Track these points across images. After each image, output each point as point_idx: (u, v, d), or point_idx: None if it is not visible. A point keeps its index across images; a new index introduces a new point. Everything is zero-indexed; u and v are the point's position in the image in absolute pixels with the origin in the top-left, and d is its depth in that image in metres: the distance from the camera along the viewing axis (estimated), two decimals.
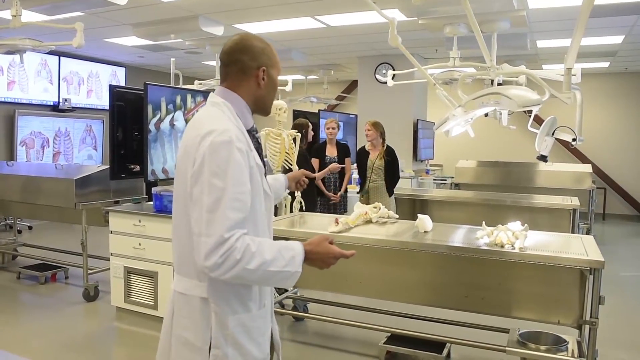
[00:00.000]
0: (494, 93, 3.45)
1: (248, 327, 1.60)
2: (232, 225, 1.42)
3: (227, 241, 1.41)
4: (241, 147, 1.49)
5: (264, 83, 1.63)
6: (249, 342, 1.60)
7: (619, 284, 5.75)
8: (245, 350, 1.58)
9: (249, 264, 1.43)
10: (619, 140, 10.52)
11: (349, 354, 3.89)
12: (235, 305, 1.57)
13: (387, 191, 5.75)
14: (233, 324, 1.56)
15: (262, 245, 1.47)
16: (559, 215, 5.59)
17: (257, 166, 1.57)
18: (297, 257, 1.53)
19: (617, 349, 3.96)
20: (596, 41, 7.34)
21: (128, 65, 10.44)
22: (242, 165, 1.47)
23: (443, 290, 3.58)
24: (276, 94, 1.71)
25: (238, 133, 1.53)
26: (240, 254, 1.42)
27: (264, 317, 1.67)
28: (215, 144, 1.46)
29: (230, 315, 1.56)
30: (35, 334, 4.17)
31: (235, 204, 1.44)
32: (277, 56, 1.67)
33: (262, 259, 1.45)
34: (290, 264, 1.51)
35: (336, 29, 7.01)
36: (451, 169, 9.83)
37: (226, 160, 1.45)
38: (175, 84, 6.27)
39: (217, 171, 1.44)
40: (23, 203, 5.68)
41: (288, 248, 1.53)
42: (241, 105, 1.62)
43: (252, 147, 1.60)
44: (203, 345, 1.56)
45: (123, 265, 4.39)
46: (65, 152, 9.41)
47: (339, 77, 11.82)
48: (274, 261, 1.47)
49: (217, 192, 1.44)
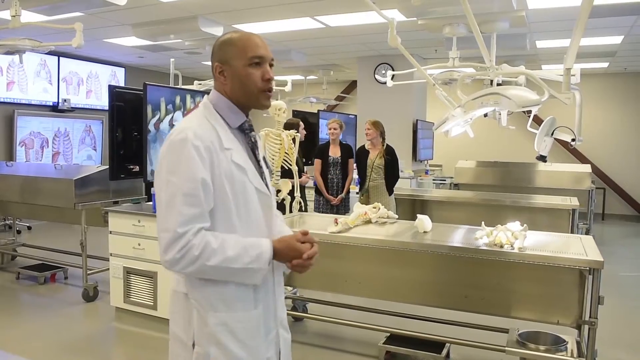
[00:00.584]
0: (494, 93, 3.45)
1: (232, 328, 1.54)
2: (185, 221, 1.43)
3: (183, 236, 1.42)
4: (199, 144, 1.47)
5: (224, 78, 1.58)
6: (234, 344, 1.54)
7: (618, 284, 5.75)
8: (229, 352, 1.54)
9: (209, 260, 1.44)
10: (618, 141, 10.53)
11: (349, 354, 3.89)
12: (215, 303, 1.54)
13: (387, 190, 5.75)
14: (213, 322, 1.53)
15: (225, 242, 1.47)
16: (558, 215, 5.59)
17: (235, 164, 1.54)
18: (264, 254, 1.51)
19: (616, 349, 3.96)
20: (595, 41, 7.35)
21: (127, 65, 10.44)
22: (196, 161, 1.46)
23: (442, 290, 3.58)
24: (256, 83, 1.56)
25: (202, 131, 1.51)
26: (198, 251, 1.43)
27: (255, 320, 1.59)
28: (172, 143, 1.49)
29: (211, 313, 1.54)
30: (35, 334, 4.17)
31: (188, 199, 1.45)
32: (242, 44, 1.56)
33: (223, 256, 1.45)
34: (256, 261, 1.50)
35: (335, 29, 7.01)
36: (450, 169, 9.84)
37: (180, 157, 1.46)
38: (175, 85, 6.26)
39: (172, 168, 1.47)
40: (22, 203, 5.68)
41: (255, 246, 1.51)
42: (223, 104, 1.61)
43: (236, 144, 1.59)
44: (187, 341, 1.56)
45: (122, 265, 4.39)
46: (65, 153, 9.41)
47: (339, 77, 11.82)
48: (237, 258, 1.47)
49: (172, 187, 1.46)
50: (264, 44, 1.58)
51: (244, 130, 1.64)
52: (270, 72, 1.58)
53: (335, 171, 5.88)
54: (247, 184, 1.57)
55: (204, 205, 1.47)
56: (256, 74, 1.56)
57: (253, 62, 1.55)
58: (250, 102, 1.61)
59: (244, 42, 1.56)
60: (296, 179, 4.98)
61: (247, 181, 1.57)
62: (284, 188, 4.85)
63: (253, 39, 1.57)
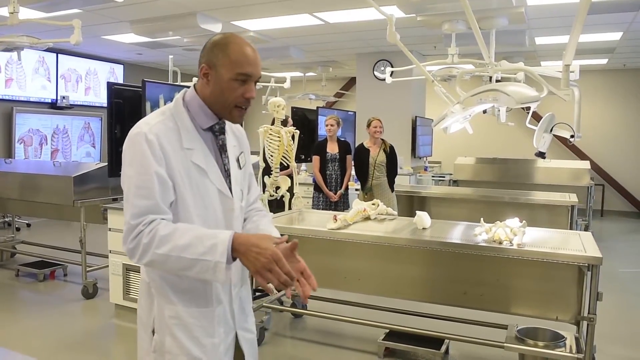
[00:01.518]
0: (492, 90, 3.46)
1: (186, 323, 1.54)
2: (137, 213, 1.44)
3: (136, 227, 1.43)
4: (152, 139, 1.47)
5: (207, 81, 1.55)
6: (188, 340, 1.54)
7: (617, 280, 5.76)
8: (182, 346, 1.54)
9: (159, 248, 1.40)
10: (617, 137, 10.53)
11: (348, 350, 3.90)
12: (170, 295, 1.55)
13: (390, 187, 5.77)
14: (168, 314, 1.55)
15: (177, 231, 1.42)
16: (557, 211, 5.60)
17: (194, 165, 1.53)
18: (219, 245, 1.37)
19: (615, 344, 3.98)
20: (595, 38, 7.34)
21: (126, 62, 10.42)
22: (148, 155, 1.46)
23: (441, 286, 3.58)
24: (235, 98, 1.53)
25: (159, 127, 1.51)
26: (147, 238, 1.41)
27: (209, 318, 1.56)
28: (129, 137, 1.51)
29: (166, 305, 1.55)
30: (34, 331, 4.18)
31: (140, 192, 1.45)
32: (234, 56, 1.51)
33: (173, 244, 1.39)
34: (210, 252, 1.37)
35: (334, 26, 7.00)
36: (450, 166, 9.84)
37: (134, 150, 1.48)
38: (174, 81, 6.25)
39: (128, 161, 1.49)
40: (21, 200, 5.67)
41: (210, 236, 1.41)
42: (196, 104, 1.58)
43: (200, 145, 1.56)
44: (148, 328, 1.60)
45: (122, 262, 4.39)
46: (64, 150, 9.40)
47: (338, 74, 11.82)
48: (188, 247, 1.38)
49: (127, 180, 1.48)
50: (255, 60, 1.54)
51: (214, 131, 1.62)
52: (253, 91, 1.55)
53: (334, 167, 5.88)
54: (208, 185, 1.56)
55: (157, 198, 1.45)
56: (238, 90, 1.53)
57: (239, 78, 1.52)
58: (222, 112, 1.58)
59: (237, 54, 1.51)
60: (295, 175, 4.98)
61: (208, 182, 1.56)
62: (283, 185, 4.85)
63: (246, 53, 1.52)
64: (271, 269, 1.35)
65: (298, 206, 4.84)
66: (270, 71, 8.99)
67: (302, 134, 5.17)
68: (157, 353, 1.56)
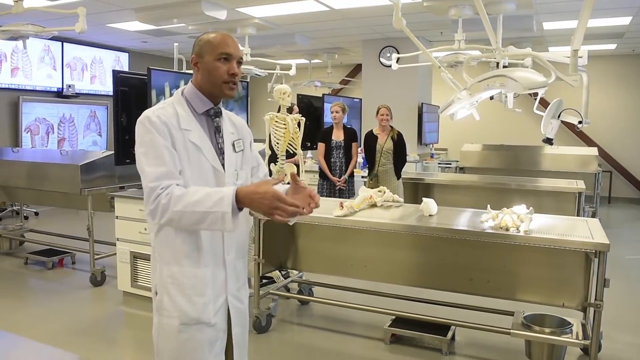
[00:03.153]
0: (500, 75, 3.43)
1: (179, 281, 1.74)
2: (155, 177, 1.65)
3: (155, 190, 1.64)
4: (155, 120, 1.71)
5: (197, 69, 1.82)
6: (180, 296, 1.74)
7: (624, 266, 5.75)
8: (176, 303, 1.74)
9: (175, 206, 1.61)
10: (626, 123, 10.44)
11: (354, 336, 3.92)
12: (167, 256, 1.76)
13: (396, 174, 5.76)
14: (166, 273, 1.76)
15: (190, 190, 1.65)
16: (565, 198, 5.58)
17: (191, 143, 1.75)
18: (225, 198, 1.58)
19: (621, 331, 3.97)
20: (603, 22, 7.25)
21: (131, 50, 10.40)
22: (154, 132, 1.69)
23: (448, 273, 3.59)
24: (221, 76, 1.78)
25: (161, 111, 1.74)
26: (166, 199, 1.62)
27: (200, 278, 1.75)
28: (137, 123, 1.74)
29: (164, 265, 1.77)
30: (43, 318, 4.22)
31: (154, 161, 1.67)
32: (215, 42, 1.78)
33: (186, 201, 1.61)
34: (218, 205, 1.58)
35: (340, 12, 6.95)
36: (456, 153, 9.81)
37: (143, 131, 1.71)
38: (179, 69, 6.24)
39: (139, 141, 1.72)
40: (29, 189, 5.71)
41: (217, 191, 1.62)
42: (192, 92, 1.83)
43: (196, 127, 1.79)
44: (153, 290, 1.82)
45: (129, 250, 4.42)
46: (70, 138, 9.43)
47: (343, 61, 11.75)
48: (199, 202, 1.60)
49: (141, 156, 1.70)
50: (234, 44, 1.81)
51: (210, 115, 1.85)
52: (236, 69, 1.79)
53: (339, 155, 5.87)
54: (202, 161, 1.77)
55: (170, 165, 1.68)
56: (222, 68, 1.78)
57: (221, 57, 1.77)
58: (215, 91, 1.82)
59: (217, 40, 1.79)
60: (301, 163, 4.98)
61: (203, 158, 1.77)
62: (289, 172, 4.84)
63: (225, 39, 1.80)
64: (276, 207, 1.55)
65: None
66: (275, 58, 8.94)
67: (308, 122, 5.15)
68: (158, 312, 1.79)
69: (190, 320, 1.74)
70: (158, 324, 1.79)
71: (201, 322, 1.76)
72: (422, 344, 3.72)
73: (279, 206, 1.54)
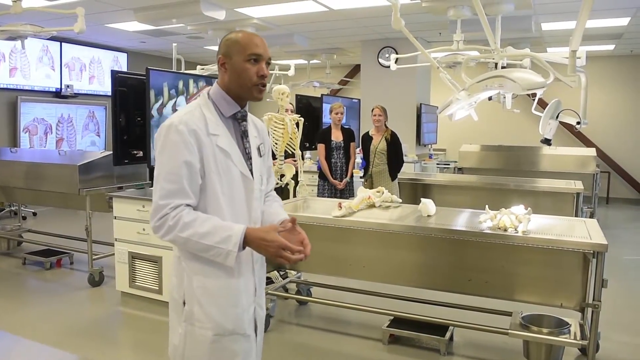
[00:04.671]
0: (498, 76, 3.44)
1: (211, 292, 1.71)
2: (165, 195, 1.64)
3: (163, 208, 1.63)
4: (182, 129, 1.65)
5: (224, 70, 1.76)
6: (213, 307, 1.71)
7: (622, 267, 5.75)
8: (208, 314, 1.71)
9: (182, 232, 1.62)
10: (624, 124, 10.46)
11: (353, 337, 3.92)
12: (198, 266, 1.72)
13: (390, 175, 5.75)
14: (196, 284, 1.72)
15: (199, 219, 1.64)
16: (563, 199, 5.58)
17: (219, 148, 1.71)
18: (233, 237, 1.61)
19: (619, 332, 3.98)
20: (602, 23, 7.26)
21: (130, 50, 10.39)
22: (179, 145, 1.65)
23: (446, 273, 3.59)
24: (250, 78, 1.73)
25: (188, 117, 1.69)
26: (173, 221, 1.62)
27: (233, 288, 1.74)
28: (160, 128, 1.70)
29: (195, 276, 1.72)
30: (42, 318, 4.21)
31: (169, 177, 1.65)
32: (244, 42, 1.72)
33: (193, 230, 1.61)
34: (225, 242, 1.60)
35: (339, 13, 6.95)
36: (454, 153, 9.81)
37: (165, 140, 1.67)
38: (178, 69, 6.24)
39: (159, 149, 1.69)
40: (27, 189, 5.70)
41: (226, 228, 1.63)
42: (218, 95, 1.78)
43: (224, 131, 1.75)
44: (179, 299, 1.76)
45: (127, 250, 4.41)
46: (69, 139, 9.42)
47: (342, 61, 11.75)
48: (207, 235, 1.61)
49: (159, 166, 1.68)
50: (263, 45, 1.75)
51: (236, 119, 1.81)
52: (265, 70, 1.75)
53: (339, 155, 5.87)
54: (231, 167, 1.74)
55: (184, 183, 1.65)
56: (252, 69, 1.73)
57: (251, 58, 1.72)
58: (244, 94, 1.77)
59: (246, 40, 1.73)
60: (300, 163, 4.98)
61: (231, 164, 1.74)
62: (287, 172, 4.85)
63: (254, 39, 1.75)
64: (280, 255, 1.61)
65: (303, 194, 4.85)
66: (274, 59, 8.94)
67: (307, 122, 5.16)
68: (187, 322, 1.73)
69: (225, 332, 1.72)
70: (187, 334, 1.73)
71: (236, 333, 1.74)
72: (420, 345, 3.73)
73: (282, 255, 1.61)
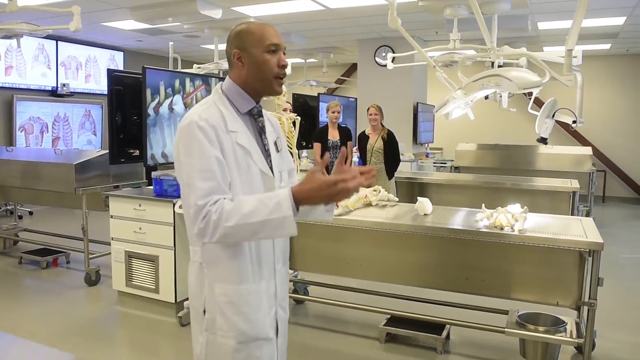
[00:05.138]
0: (494, 75, 3.44)
1: (233, 299, 1.63)
2: (204, 194, 1.51)
3: (204, 208, 1.50)
4: (203, 125, 1.56)
5: (241, 64, 1.66)
6: (236, 315, 1.63)
7: (618, 266, 5.77)
8: (231, 322, 1.62)
9: (228, 221, 1.48)
10: (620, 123, 10.49)
11: (350, 335, 3.92)
12: (221, 273, 1.63)
13: (387, 174, 5.75)
14: (219, 291, 1.63)
15: (241, 202, 1.51)
16: (559, 197, 5.60)
17: (239, 146, 1.62)
18: (283, 202, 1.48)
19: (615, 330, 3.99)
20: (598, 22, 7.28)
21: (126, 49, 10.37)
22: (203, 140, 1.55)
23: (443, 272, 3.59)
24: (272, 69, 1.65)
25: (206, 114, 1.60)
26: (216, 215, 1.49)
27: (255, 293, 1.65)
28: (180, 129, 1.60)
29: (217, 282, 1.64)
30: (38, 317, 4.20)
31: (203, 175, 1.53)
32: (259, 33, 1.65)
33: (239, 214, 1.48)
34: (276, 210, 1.47)
35: (335, 11, 6.95)
36: (451, 152, 9.82)
37: (189, 139, 1.56)
38: (174, 68, 6.23)
39: (185, 151, 1.57)
40: (23, 188, 5.68)
41: (271, 196, 1.51)
42: (233, 90, 1.69)
43: (242, 128, 1.66)
44: (199, 308, 1.67)
45: (124, 249, 4.41)
46: (65, 137, 9.39)
47: (339, 60, 11.75)
48: (254, 212, 1.48)
49: (188, 168, 1.56)
50: (277, 34, 1.68)
51: (252, 115, 1.72)
52: (285, 60, 1.68)
53: (336, 155, 5.87)
54: (251, 165, 1.65)
55: (219, 179, 1.54)
56: (272, 60, 1.65)
57: (270, 49, 1.64)
58: (264, 88, 1.69)
59: (261, 31, 1.65)
60: (297, 162, 4.98)
61: (251, 162, 1.65)
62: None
63: (269, 29, 1.67)
64: (337, 192, 1.47)
65: None
66: None
67: (303, 121, 5.15)
68: (208, 331, 1.65)
69: (248, 339, 1.64)
70: (208, 343, 1.66)
71: (259, 339, 1.67)
72: (417, 343, 3.73)
73: (340, 190, 1.47)
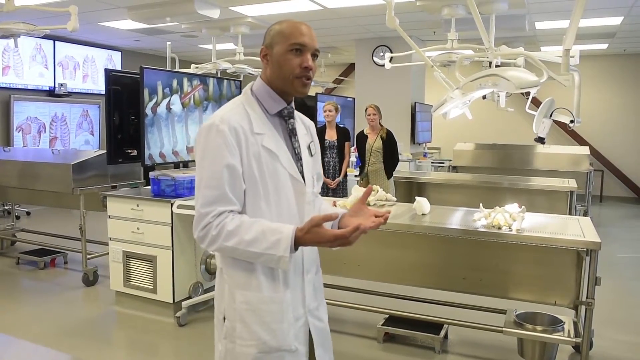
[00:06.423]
0: (492, 75, 3.44)
1: (255, 308, 1.57)
2: (206, 202, 1.51)
3: (205, 217, 1.51)
4: (224, 128, 1.52)
5: (266, 62, 1.63)
6: (258, 325, 1.57)
7: (616, 265, 5.78)
8: (252, 331, 1.57)
9: (227, 241, 1.49)
10: (617, 123, 10.51)
11: (348, 335, 3.92)
12: (242, 280, 1.58)
13: (386, 174, 5.76)
14: (240, 299, 1.58)
15: (243, 225, 1.50)
16: (556, 197, 5.60)
17: (265, 149, 1.57)
18: (283, 241, 1.46)
19: (613, 329, 4.00)
20: (595, 22, 7.29)
21: (124, 49, 10.35)
22: (221, 146, 1.51)
23: (441, 272, 3.60)
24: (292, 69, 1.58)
25: (230, 115, 1.56)
26: (216, 231, 1.49)
27: (279, 302, 1.59)
28: (201, 129, 1.57)
29: (237, 290, 1.59)
30: (36, 318, 4.20)
31: (211, 182, 1.52)
32: (287, 31, 1.60)
33: (239, 238, 1.48)
34: (274, 248, 1.46)
35: (333, 11, 6.95)
36: (449, 152, 9.83)
37: (207, 142, 1.54)
38: (172, 68, 6.22)
39: (202, 153, 1.55)
40: (21, 189, 5.67)
41: (275, 231, 1.48)
42: (262, 90, 1.65)
43: (270, 130, 1.61)
44: (219, 315, 1.65)
45: (122, 249, 4.40)
46: (62, 138, 9.37)
47: (336, 60, 11.75)
48: (254, 242, 1.48)
49: (200, 171, 1.55)
50: (309, 34, 1.61)
51: (283, 116, 1.67)
52: (310, 61, 1.60)
53: (332, 154, 5.87)
54: (279, 169, 1.59)
55: (226, 189, 1.51)
56: (294, 60, 1.58)
57: (293, 48, 1.58)
58: (286, 87, 1.63)
59: (290, 29, 1.60)
60: None
61: (279, 166, 1.59)
62: None
63: (299, 28, 1.60)
64: (337, 245, 1.47)
65: None
66: None
67: None
68: (227, 339, 1.61)
69: (270, 349, 1.57)
70: (227, 351, 1.60)
71: (281, 350, 1.59)
72: (415, 343, 3.74)
73: (340, 243, 1.47)
